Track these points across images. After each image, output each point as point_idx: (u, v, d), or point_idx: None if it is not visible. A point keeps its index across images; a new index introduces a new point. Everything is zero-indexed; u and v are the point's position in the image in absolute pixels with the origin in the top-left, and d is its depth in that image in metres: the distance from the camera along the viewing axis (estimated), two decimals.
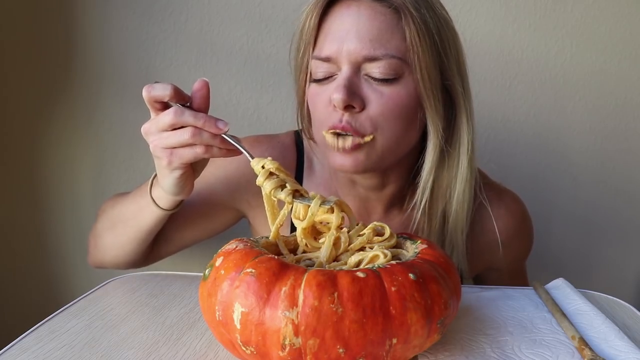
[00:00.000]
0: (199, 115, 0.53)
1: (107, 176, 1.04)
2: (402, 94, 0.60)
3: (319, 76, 0.62)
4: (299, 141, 0.77)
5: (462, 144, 0.65)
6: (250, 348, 0.40)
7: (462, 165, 0.66)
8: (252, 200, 0.74)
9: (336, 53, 0.59)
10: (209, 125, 0.52)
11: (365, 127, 0.60)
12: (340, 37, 0.59)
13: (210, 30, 1.00)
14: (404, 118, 0.61)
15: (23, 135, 1.02)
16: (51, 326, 0.53)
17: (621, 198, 1.10)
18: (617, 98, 1.06)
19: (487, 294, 0.62)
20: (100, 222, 0.72)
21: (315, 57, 0.62)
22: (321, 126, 0.62)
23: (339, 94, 0.57)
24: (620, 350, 0.47)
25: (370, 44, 0.58)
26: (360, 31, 0.58)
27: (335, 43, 0.59)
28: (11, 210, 1.04)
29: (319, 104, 0.62)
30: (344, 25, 0.59)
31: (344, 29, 0.59)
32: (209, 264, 0.46)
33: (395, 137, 0.62)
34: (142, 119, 1.06)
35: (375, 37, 0.58)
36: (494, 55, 1.03)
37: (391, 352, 0.41)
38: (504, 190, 0.78)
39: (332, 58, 0.60)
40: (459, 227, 0.69)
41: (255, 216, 0.76)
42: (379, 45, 0.58)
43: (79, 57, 1.00)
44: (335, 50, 0.59)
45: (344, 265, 0.48)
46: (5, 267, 1.05)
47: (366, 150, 0.61)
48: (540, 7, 1.02)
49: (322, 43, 0.61)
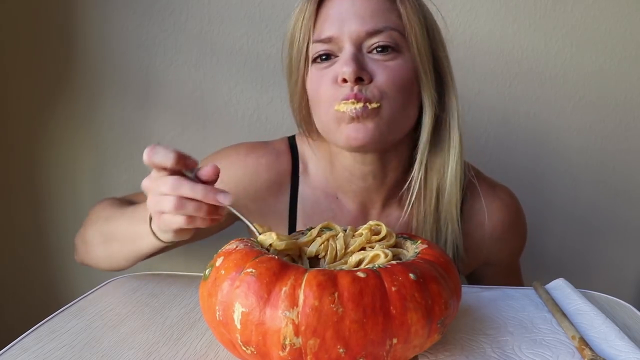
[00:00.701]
0: (197, 189, 0.51)
1: (107, 176, 1.04)
2: (403, 68, 0.64)
3: (321, 58, 0.64)
4: (292, 146, 0.78)
5: (453, 117, 0.69)
6: (250, 348, 0.40)
7: (453, 140, 0.69)
8: (250, 205, 0.74)
9: (338, 33, 0.62)
10: (209, 198, 0.51)
11: (375, 94, 0.62)
12: (340, 19, 0.62)
13: (210, 30, 1.00)
14: (406, 90, 0.65)
15: (23, 135, 1.02)
16: (51, 326, 0.53)
17: (621, 198, 1.10)
18: (617, 98, 1.06)
19: (487, 294, 0.62)
20: (92, 232, 0.72)
21: (316, 39, 0.64)
22: (329, 103, 0.64)
23: (348, 67, 0.60)
24: (620, 350, 0.47)
25: (371, 19, 0.62)
26: (359, 11, 0.62)
27: (335, 24, 0.63)
28: (11, 210, 1.04)
29: (323, 84, 0.64)
30: (343, 7, 0.63)
31: (344, 10, 0.62)
32: (209, 264, 0.46)
33: (398, 107, 0.65)
34: (142, 119, 1.06)
35: (374, 14, 0.62)
36: (494, 55, 1.03)
37: (391, 352, 0.41)
38: (497, 185, 0.79)
39: (333, 38, 0.63)
40: (453, 201, 0.70)
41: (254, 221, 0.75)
42: (379, 20, 0.62)
43: (79, 57, 1.00)
44: (337, 31, 0.62)
45: (344, 265, 0.48)
46: (5, 267, 1.05)
47: (376, 119, 0.63)
48: (540, 7, 1.02)
49: (321, 27, 0.64)
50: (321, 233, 0.51)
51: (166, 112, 1.03)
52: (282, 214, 0.75)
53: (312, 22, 0.65)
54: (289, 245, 0.48)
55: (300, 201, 0.75)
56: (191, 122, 1.03)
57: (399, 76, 0.63)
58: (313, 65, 0.65)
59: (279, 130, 1.02)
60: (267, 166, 0.75)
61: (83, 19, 0.98)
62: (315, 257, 0.51)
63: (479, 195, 0.75)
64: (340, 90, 0.62)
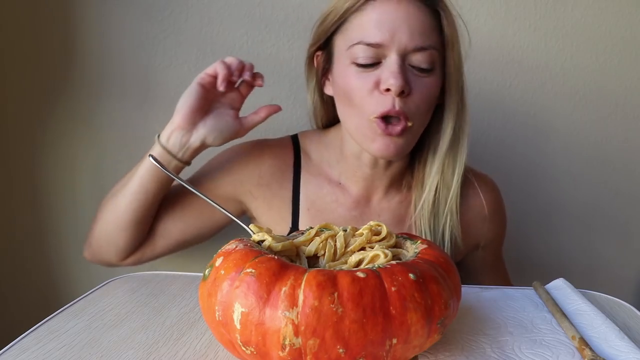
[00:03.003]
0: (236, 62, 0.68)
1: (107, 176, 1.04)
2: (434, 84, 0.68)
3: (365, 61, 0.66)
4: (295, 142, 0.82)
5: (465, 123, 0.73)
6: (250, 348, 0.40)
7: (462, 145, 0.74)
8: (255, 191, 0.77)
9: (388, 41, 0.64)
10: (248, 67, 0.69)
11: (412, 112, 0.66)
12: (392, 27, 0.64)
13: (210, 30, 1.00)
14: (432, 105, 0.70)
15: (23, 135, 1.02)
16: (51, 326, 0.53)
17: (621, 198, 1.10)
18: (617, 98, 1.06)
19: (487, 294, 0.62)
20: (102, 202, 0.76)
21: (364, 42, 0.65)
22: (365, 112, 0.66)
23: (397, 80, 0.63)
24: (620, 350, 0.47)
25: (419, 36, 0.65)
26: (411, 24, 0.65)
27: (387, 31, 0.64)
28: (11, 210, 1.04)
29: (362, 88, 0.66)
30: (396, 15, 0.65)
31: (396, 19, 0.64)
32: (209, 264, 0.46)
33: (424, 122, 0.70)
34: (142, 119, 1.06)
35: (422, 31, 0.65)
36: (494, 55, 1.03)
37: (391, 352, 0.41)
38: (481, 173, 0.84)
39: (382, 45, 0.65)
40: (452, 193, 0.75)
41: (258, 207, 0.79)
42: (425, 38, 0.65)
43: (78, 57, 1.00)
44: (388, 38, 0.64)
45: (344, 265, 0.48)
46: (5, 267, 1.05)
47: (407, 136, 0.68)
48: (540, 7, 1.02)
49: (368, 29, 0.65)
50: (320, 233, 0.51)
51: (166, 112, 1.02)
52: (286, 199, 0.77)
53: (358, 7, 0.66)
54: (286, 246, 0.48)
55: (303, 187, 0.78)
56: None
57: (431, 93, 0.68)
58: (352, 65, 0.67)
59: (279, 130, 1.02)
60: (270, 154, 0.79)
61: (83, 18, 0.98)
62: (314, 256, 0.51)
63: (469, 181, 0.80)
64: (380, 98, 0.65)
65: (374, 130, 0.66)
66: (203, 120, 0.70)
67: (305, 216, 0.77)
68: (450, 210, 0.75)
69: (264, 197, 0.77)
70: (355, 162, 0.76)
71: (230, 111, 0.72)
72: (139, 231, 0.74)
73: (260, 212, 0.79)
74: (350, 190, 0.78)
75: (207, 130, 0.70)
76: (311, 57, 0.76)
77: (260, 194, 0.77)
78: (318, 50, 0.75)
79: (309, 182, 0.78)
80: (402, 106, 0.65)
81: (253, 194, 0.78)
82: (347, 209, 0.77)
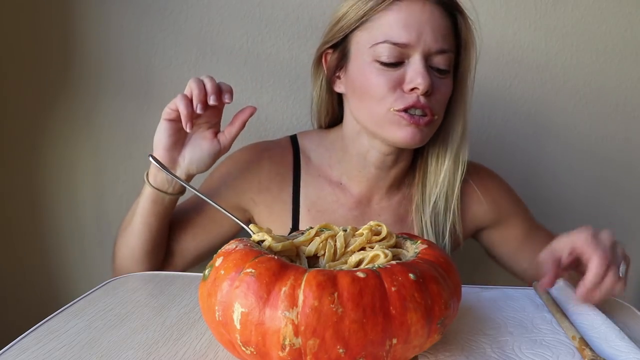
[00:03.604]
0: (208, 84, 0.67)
1: (106, 176, 1.04)
2: (450, 85, 0.72)
3: (390, 60, 0.67)
4: (294, 142, 0.83)
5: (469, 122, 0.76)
6: (250, 348, 0.40)
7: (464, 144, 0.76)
8: (256, 197, 0.78)
9: (415, 42, 0.66)
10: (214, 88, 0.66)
11: (436, 108, 0.70)
12: (418, 29, 0.66)
13: (210, 30, 1.00)
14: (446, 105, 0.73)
15: (23, 136, 1.02)
16: (51, 326, 0.53)
17: (621, 198, 1.10)
18: (617, 98, 1.06)
19: (487, 294, 0.62)
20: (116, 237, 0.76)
21: (389, 41, 0.67)
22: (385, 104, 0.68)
23: (425, 80, 0.66)
24: (621, 350, 0.47)
25: (442, 38, 0.68)
26: (435, 26, 0.67)
27: (414, 32, 0.66)
28: (11, 210, 1.04)
29: (383, 86, 0.68)
30: (422, 17, 0.67)
31: (422, 21, 0.67)
32: (209, 264, 0.45)
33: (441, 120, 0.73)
34: (142, 119, 1.06)
35: (444, 34, 0.68)
36: (494, 54, 1.03)
37: (391, 352, 0.41)
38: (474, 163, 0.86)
39: (409, 45, 0.66)
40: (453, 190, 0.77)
41: (260, 212, 0.79)
42: (447, 41, 0.68)
43: (78, 57, 1.00)
44: (415, 39, 0.66)
45: (344, 265, 0.48)
46: (5, 267, 1.05)
47: (431, 127, 0.71)
48: (540, 7, 1.02)
49: (395, 29, 0.67)
50: (320, 233, 0.51)
51: None
52: (286, 202, 0.78)
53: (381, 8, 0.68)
54: (286, 246, 0.48)
55: (304, 188, 0.78)
56: None
57: (448, 92, 0.71)
58: (374, 63, 0.68)
59: (279, 130, 1.02)
60: (269, 158, 0.79)
61: (82, 19, 0.98)
62: (314, 256, 0.51)
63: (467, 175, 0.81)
64: (403, 96, 0.67)
65: (397, 121, 0.68)
66: (181, 155, 0.70)
67: (305, 217, 0.77)
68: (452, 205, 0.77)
69: (265, 202, 0.78)
70: (361, 161, 0.76)
71: (207, 132, 0.71)
72: (155, 259, 0.75)
73: (262, 217, 0.79)
74: (352, 191, 0.78)
75: (188, 162, 0.70)
76: (320, 56, 0.76)
77: (261, 199, 0.78)
78: (329, 49, 0.75)
79: (309, 184, 0.78)
80: (427, 102, 0.68)
81: (255, 201, 0.78)
82: (348, 209, 0.77)
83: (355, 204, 0.78)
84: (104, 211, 1.05)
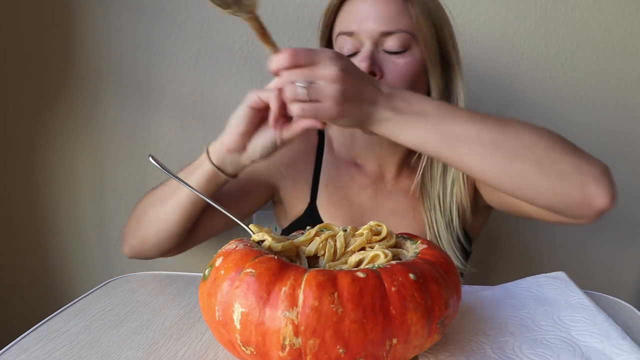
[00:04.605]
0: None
1: (107, 176, 1.04)
2: (410, 62, 0.74)
3: (345, 51, 0.74)
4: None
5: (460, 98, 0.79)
6: (250, 348, 0.40)
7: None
8: (284, 171, 0.85)
9: (358, 29, 0.72)
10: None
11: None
12: (361, 17, 0.73)
13: (210, 30, 1.00)
14: (414, 82, 0.75)
15: (23, 135, 1.02)
16: (51, 326, 0.53)
17: (621, 198, 1.10)
18: (617, 98, 1.06)
19: (488, 294, 0.62)
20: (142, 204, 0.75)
21: (342, 32, 0.74)
22: None
23: (363, 63, 0.70)
24: (622, 349, 0.47)
25: (386, 21, 0.72)
26: (378, 13, 0.72)
27: (357, 21, 0.73)
28: (11, 210, 1.04)
29: None
30: (364, 7, 0.73)
31: (365, 11, 0.73)
32: (209, 264, 0.45)
33: None
34: (142, 118, 1.06)
35: (389, 17, 0.72)
36: (494, 55, 1.03)
37: (391, 352, 0.41)
38: None
39: (354, 33, 0.73)
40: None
41: (286, 185, 0.87)
42: (392, 23, 0.72)
43: (78, 57, 1.00)
44: (357, 27, 0.73)
45: (344, 265, 0.48)
46: (5, 267, 1.05)
47: None
48: (540, 7, 1.02)
49: (345, 21, 0.75)
50: (320, 233, 0.51)
51: (166, 112, 1.03)
52: (308, 178, 0.86)
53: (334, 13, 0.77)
54: (286, 246, 0.48)
55: (324, 167, 0.87)
56: (191, 122, 1.03)
57: (407, 71, 0.74)
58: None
59: None
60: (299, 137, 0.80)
61: (82, 19, 0.98)
62: (314, 256, 0.51)
63: None
64: None
65: None
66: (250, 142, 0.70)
67: (323, 191, 0.85)
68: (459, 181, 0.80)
69: (290, 176, 0.86)
70: (367, 142, 0.83)
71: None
72: (187, 234, 0.75)
73: (287, 190, 0.86)
74: (366, 169, 0.86)
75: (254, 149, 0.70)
76: None
77: (288, 173, 0.86)
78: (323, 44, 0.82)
79: (329, 163, 0.87)
80: None
81: (282, 173, 0.86)
82: (362, 186, 0.85)
83: (369, 182, 0.85)
84: (104, 211, 1.05)
